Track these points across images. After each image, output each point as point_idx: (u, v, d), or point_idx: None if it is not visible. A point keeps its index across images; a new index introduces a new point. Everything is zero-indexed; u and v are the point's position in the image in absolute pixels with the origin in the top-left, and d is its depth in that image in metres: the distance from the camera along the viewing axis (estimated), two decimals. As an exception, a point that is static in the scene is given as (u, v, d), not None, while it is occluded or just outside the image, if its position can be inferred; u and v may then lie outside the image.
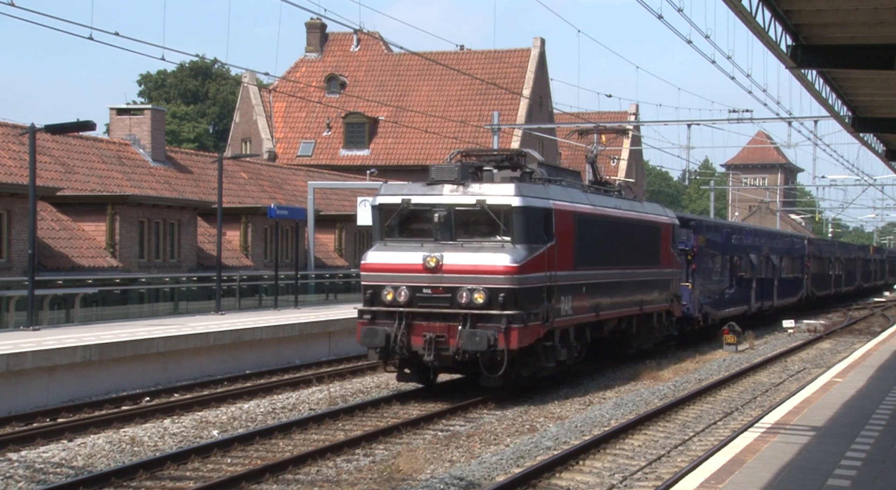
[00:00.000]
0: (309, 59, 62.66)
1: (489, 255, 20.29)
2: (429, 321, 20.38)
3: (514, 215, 20.43)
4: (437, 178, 21.20)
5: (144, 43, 32.73)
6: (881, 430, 15.15)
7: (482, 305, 19.98)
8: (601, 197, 25.78)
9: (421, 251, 20.46)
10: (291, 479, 14.42)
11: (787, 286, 51.12)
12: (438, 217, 20.67)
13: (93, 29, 22.51)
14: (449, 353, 20.09)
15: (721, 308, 38.20)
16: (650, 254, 28.37)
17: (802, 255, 54.58)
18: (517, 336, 19.96)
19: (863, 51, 18.09)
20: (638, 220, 27.59)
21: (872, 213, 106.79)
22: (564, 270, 22.13)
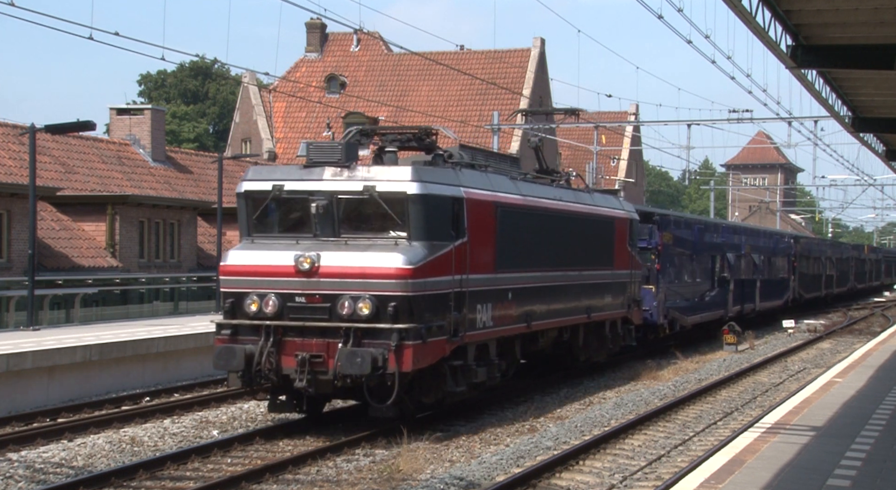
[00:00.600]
0: (309, 59, 62.67)
1: (378, 256, 16.58)
2: (303, 337, 16.57)
3: (411, 205, 16.77)
4: (316, 159, 17.45)
5: (144, 43, 32.80)
6: (881, 430, 15.15)
7: (368, 317, 16.31)
8: (535, 186, 22.15)
9: (294, 250, 16.83)
10: (291, 479, 14.42)
11: (771, 288, 47.90)
12: (317, 207, 17.02)
13: (93, 29, 22.52)
14: (328, 376, 16.35)
15: (692, 313, 34.95)
16: (601, 253, 24.71)
17: (789, 254, 51.57)
18: (412, 355, 16.22)
19: (863, 51, 18.10)
20: (585, 214, 23.86)
21: (872, 213, 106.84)
22: (481, 273, 18.54)
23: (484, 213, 18.77)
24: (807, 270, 55.82)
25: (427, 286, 16.79)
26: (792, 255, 51.67)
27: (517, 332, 20.41)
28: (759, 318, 44.98)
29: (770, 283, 47.60)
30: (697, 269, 36.17)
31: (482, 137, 53.61)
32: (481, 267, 18.56)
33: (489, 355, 19.24)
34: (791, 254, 51.61)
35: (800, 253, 53.65)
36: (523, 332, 20.67)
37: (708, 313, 36.95)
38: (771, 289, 47.44)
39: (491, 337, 19.21)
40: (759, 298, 44.43)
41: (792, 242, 52.90)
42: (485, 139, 52.81)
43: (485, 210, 18.80)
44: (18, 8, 20.24)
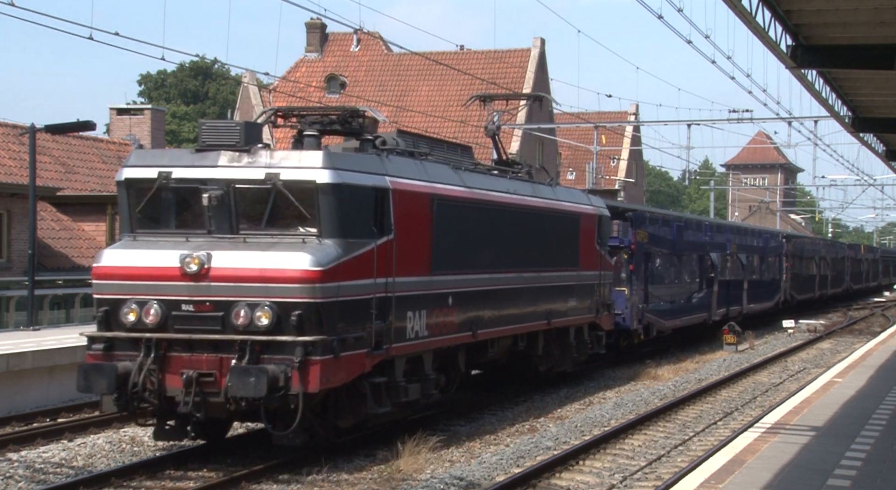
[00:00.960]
0: (309, 59, 62.66)
1: (281, 256, 14.19)
2: (191, 352, 14.15)
3: (322, 196, 14.46)
4: (209, 141, 15.01)
5: (144, 43, 32.76)
6: (881, 430, 15.15)
7: (268, 328, 13.97)
8: (485, 177, 19.61)
9: (182, 249, 14.39)
10: (291, 478, 14.42)
11: (760, 289, 45.53)
12: (210, 199, 14.56)
13: (93, 29, 22.51)
14: (219, 398, 13.96)
15: (671, 317, 32.63)
16: (564, 252, 22.43)
17: (780, 253, 49.42)
18: (320, 372, 13.94)
19: (863, 51, 18.09)
20: (544, 209, 21.50)
21: (872, 213, 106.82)
22: (413, 275, 16.26)
23: (417, 207, 16.43)
24: (799, 271, 53.98)
25: (341, 291, 14.42)
26: (783, 255, 49.80)
27: (460, 341, 18.05)
28: (747, 322, 42.21)
29: (759, 284, 45.70)
30: (677, 269, 34.41)
31: (482, 137, 53.62)
32: (413, 268, 16.27)
33: (424, 369, 16.91)
34: (782, 253, 49.78)
35: (792, 252, 51.73)
36: (468, 341, 18.34)
37: (690, 317, 34.74)
38: (760, 290, 45.41)
39: (425, 348, 16.80)
40: (747, 300, 42.24)
41: (783, 241, 50.97)
42: (485, 139, 52.82)
43: (418, 203, 16.47)
44: (18, 8, 20.24)
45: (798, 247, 54.22)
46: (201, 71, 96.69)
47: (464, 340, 18.19)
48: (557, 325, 22.12)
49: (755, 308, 44.07)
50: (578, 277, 23.23)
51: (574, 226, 23.15)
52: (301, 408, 13.83)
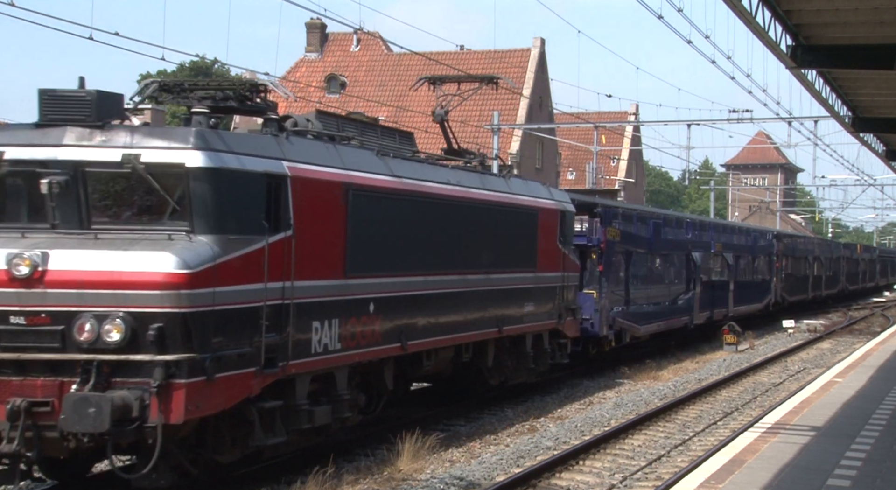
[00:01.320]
0: (309, 59, 62.65)
1: (139, 256, 11.62)
2: (23, 376, 11.52)
3: (194, 183, 11.92)
4: (53, 115, 12.29)
5: (144, 43, 32.80)
6: (881, 430, 15.15)
7: (120, 346, 11.45)
8: (419, 166, 17.06)
9: (12, 247, 11.77)
10: (292, 478, 14.42)
11: (748, 291, 43.26)
12: (53, 185, 11.88)
13: (93, 29, 22.51)
14: (56, 433, 11.38)
15: (647, 321, 30.21)
16: (519, 251, 20.19)
17: (770, 253, 47.08)
18: (186, 398, 11.43)
19: (863, 51, 18.10)
20: (494, 203, 19.10)
21: (872, 213, 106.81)
22: (320, 278, 13.82)
23: (325, 198, 13.95)
24: (791, 271, 51.92)
25: (217, 298, 11.89)
26: (774, 255, 47.53)
27: (386, 354, 15.61)
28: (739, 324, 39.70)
29: (747, 285, 43.57)
30: (655, 270, 32.54)
31: (482, 137, 53.63)
32: (320, 270, 13.82)
33: (337, 389, 14.42)
34: (773, 253, 47.49)
35: (783, 252, 49.50)
36: (396, 354, 15.95)
37: (669, 321, 32.30)
38: (748, 291, 43.26)
39: (338, 364, 14.30)
40: (734, 302, 39.78)
41: (774, 240, 48.63)
42: (485, 139, 52.84)
43: (327, 193, 13.99)
44: (18, 8, 20.24)
45: (790, 246, 52.27)
46: (201, 71, 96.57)
47: (391, 353, 15.77)
48: (511, 332, 19.95)
49: (743, 310, 41.58)
50: (536, 279, 20.91)
51: (531, 222, 20.79)
52: (159, 442, 11.26)
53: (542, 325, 21.49)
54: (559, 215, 22.28)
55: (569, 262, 22.83)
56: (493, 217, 19.05)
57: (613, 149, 67.04)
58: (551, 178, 61.98)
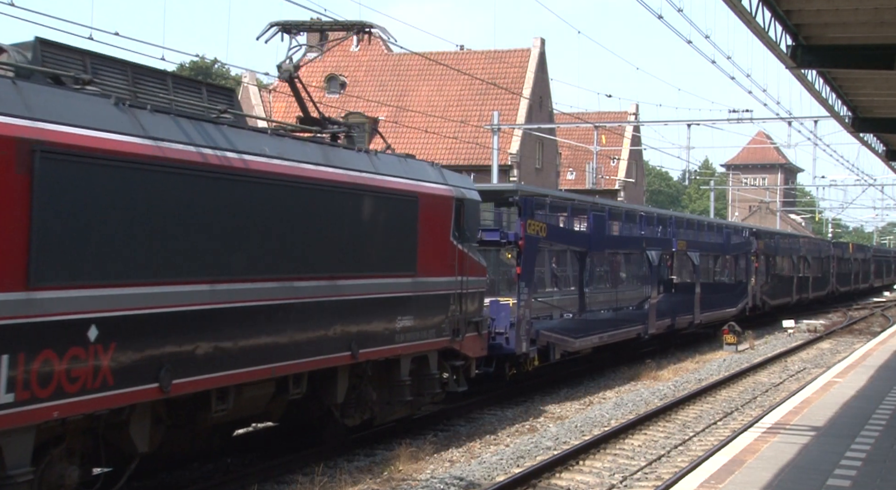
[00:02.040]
0: (309, 59, 62.68)
1: None
2: None
3: None
4: None
5: (144, 43, 32.74)
6: (881, 430, 15.15)
7: None
8: (210, 130, 12.28)
9: None
10: (292, 478, 14.42)
11: (720, 294, 39.05)
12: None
13: (93, 29, 22.51)
14: None
15: (584, 334, 25.24)
16: (385, 250, 15.51)
17: (747, 252, 42.60)
18: None
19: (863, 51, 18.10)
20: (341, 185, 14.37)
21: (872, 213, 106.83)
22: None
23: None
24: (773, 272, 48.15)
25: None
26: (752, 254, 42.97)
27: (125, 401, 10.81)
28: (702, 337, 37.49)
29: (718, 287, 40.09)
30: (596, 272, 29.44)
31: (482, 137, 53.65)
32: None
33: (4, 466, 9.52)
34: (750, 252, 42.92)
35: (763, 251, 45.16)
36: (151, 398, 11.23)
37: (616, 332, 27.26)
38: (720, 295, 38.83)
39: (9, 426, 9.42)
40: (701, 307, 34.73)
41: (752, 238, 43.97)
42: (485, 139, 52.85)
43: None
44: (18, 8, 20.25)
45: (771, 245, 48.15)
46: (201, 71, 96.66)
47: (138, 399, 10.99)
48: (373, 356, 15.33)
49: (713, 316, 36.47)
50: (417, 286, 16.35)
51: (407, 212, 16.20)
52: None
53: (426, 344, 16.82)
54: (454, 204, 17.65)
55: (470, 263, 18.13)
56: (342, 203, 14.39)
57: (613, 149, 67.04)
58: (551, 178, 62.01)
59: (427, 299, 16.76)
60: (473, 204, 18.67)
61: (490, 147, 49.47)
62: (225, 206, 12.18)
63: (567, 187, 65.14)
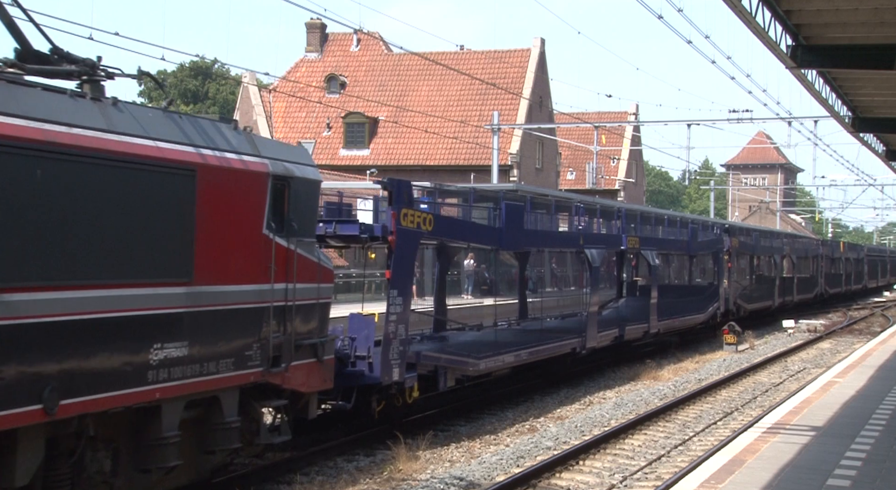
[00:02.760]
0: (309, 59, 62.67)
1: None
2: None
3: None
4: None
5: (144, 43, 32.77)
6: (881, 430, 15.15)
7: None
8: None
9: None
10: (293, 478, 14.42)
11: (685, 299, 34.60)
12: None
13: (93, 29, 22.51)
14: None
15: (490, 353, 20.15)
16: (132, 248, 10.85)
17: (718, 251, 37.85)
18: None
19: (863, 51, 18.10)
20: (44, 148, 9.63)
21: (872, 212, 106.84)
22: None
23: None
24: (749, 273, 44.33)
25: None
26: (724, 253, 38.18)
27: None
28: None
29: (684, 291, 36.03)
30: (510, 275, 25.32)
31: (482, 137, 53.65)
32: None
33: None
34: (722, 250, 38.09)
35: (738, 249, 40.64)
36: None
37: (538, 349, 22.35)
38: (685, 299, 34.88)
39: None
40: (659, 315, 29.97)
41: (724, 235, 38.92)
42: (485, 139, 52.85)
43: None
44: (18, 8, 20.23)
45: (747, 242, 43.51)
46: (201, 71, 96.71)
47: None
48: (98, 407, 10.39)
49: (675, 325, 32.29)
50: (194, 298, 11.71)
51: (176, 191, 11.47)
52: None
53: (215, 380, 12.04)
54: (270, 183, 12.97)
55: (302, 265, 13.52)
56: (33, 173, 9.64)
57: (613, 149, 67.07)
58: (551, 178, 62.03)
59: (216, 316, 12.04)
60: (307, 185, 13.69)
61: (490, 147, 49.47)
62: None
63: (567, 187, 65.17)
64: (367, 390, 16.45)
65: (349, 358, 16.17)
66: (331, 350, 14.49)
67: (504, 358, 20.60)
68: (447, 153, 56.00)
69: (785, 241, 52.27)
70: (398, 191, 16.98)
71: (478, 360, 19.43)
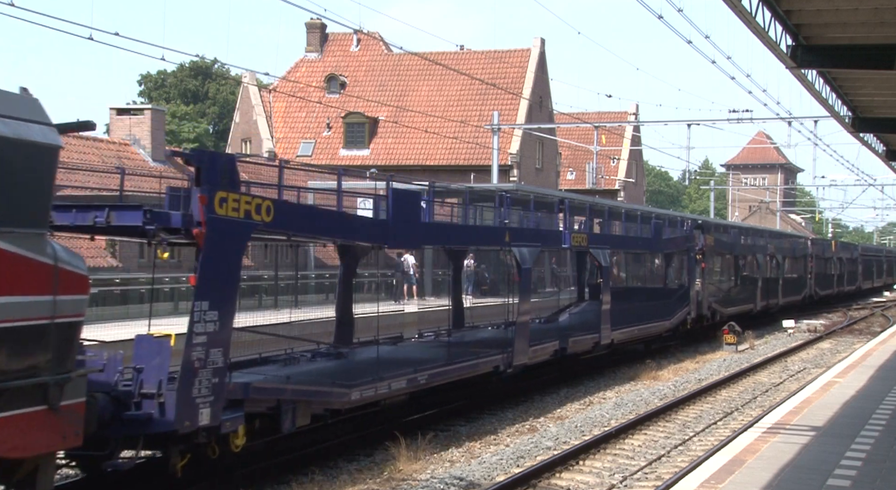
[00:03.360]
0: (309, 60, 62.66)
1: None
2: None
3: None
4: None
5: (144, 43, 32.80)
6: (881, 430, 15.14)
7: None
8: None
9: None
10: (292, 478, 14.42)
11: (649, 304, 31.29)
12: None
13: (93, 29, 22.56)
14: None
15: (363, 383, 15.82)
16: None
17: (689, 249, 34.79)
18: None
19: (863, 51, 18.10)
20: None
21: (872, 212, 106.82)
22: None
23: None
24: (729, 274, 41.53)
25: None
26: (696, 252, 35.27)
27: None
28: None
29: (647, 294, 32.83)
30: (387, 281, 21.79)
31: (482, 137, 53.65)
32: None
33: None
34: (694, 249, 35.17)
35: (712, 248, 37.57)
36: None
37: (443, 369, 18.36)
38: (649, 304, 31.29)
39: None
40: (613, 323, 26.39)
41: (696, 232, 35.91)
42: (485, 139, 52.85)
43: None
44: (18, 8, 20.29)
45: (724, 241, 40.57)
46: (201, 71, 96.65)
47: None
48: None
49: (634, 334, 28.99)
50: None
51: None
52: None
53: None
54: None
55: (22, 268, 9.13)
56: None
57: (613, 149, 67.06)
58: (551, 178, 62.02)
59: None
60: (27, 151, 9.38)
61: (490, 147, 49.46)
62: None
63: (567, 187, 65.15)
64: (160, 440, 12.16)
65: (132, 397, 11.74)
66: (78, 390, 9.83)
67: (391, 384, 16.31)
68: (447, 153, 56.00)
69: (769, 240, 49.52)
70: (211, 166, 12.40)
71: (347, 389, 15.15)
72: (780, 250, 50.11)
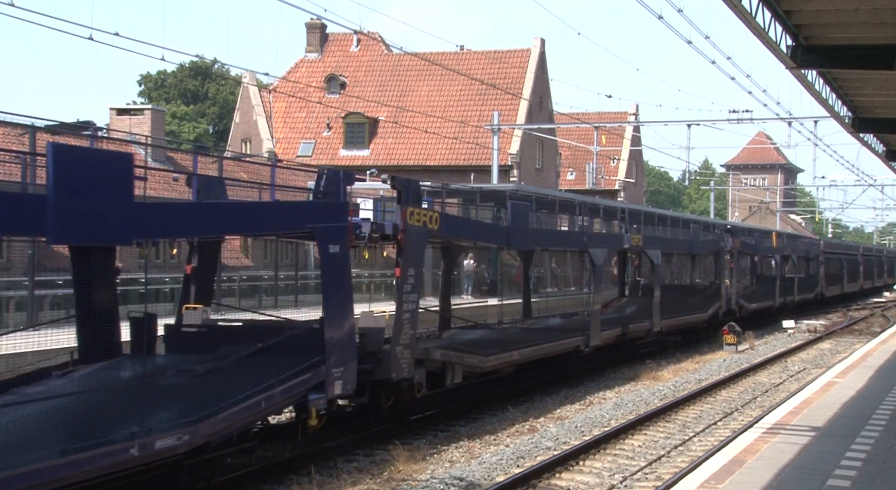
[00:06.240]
0: (309, 60, 62.66)
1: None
2: None
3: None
4: None
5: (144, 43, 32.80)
6: (881, 430, 15.15)
7: None
8: None
9: None
10: (293, 478, 14.42)
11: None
12: None
13: (93, 29, 22.56)
14: None
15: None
16: None
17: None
18: None
19: (863, 51, 18.11)
20: None
21: (872, 213, 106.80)
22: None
23: None
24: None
25: None
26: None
27: None
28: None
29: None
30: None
31: (482, 137, 53.65)
32: None
33: None
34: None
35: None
36: None
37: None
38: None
39: None
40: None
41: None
42: (485, 139, 52.85)
43: None
44: (18, 8, 20.28)
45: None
46: (201, 71, 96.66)
47: None
48: None
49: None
50: None
51: None
52: None
53: None
54: None
55: None
56: None
57: (613, 149, 67.06)
58: (551, 179, 62.02)
59: None
60: None
61: (490, 147, 49.47)
62: None
63: (567, 187, 65.15)
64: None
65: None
66: None
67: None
68: (447, 153, 56.00)
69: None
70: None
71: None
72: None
